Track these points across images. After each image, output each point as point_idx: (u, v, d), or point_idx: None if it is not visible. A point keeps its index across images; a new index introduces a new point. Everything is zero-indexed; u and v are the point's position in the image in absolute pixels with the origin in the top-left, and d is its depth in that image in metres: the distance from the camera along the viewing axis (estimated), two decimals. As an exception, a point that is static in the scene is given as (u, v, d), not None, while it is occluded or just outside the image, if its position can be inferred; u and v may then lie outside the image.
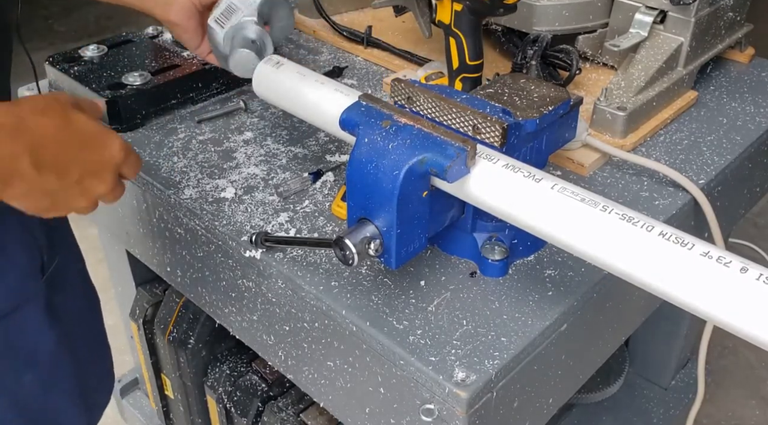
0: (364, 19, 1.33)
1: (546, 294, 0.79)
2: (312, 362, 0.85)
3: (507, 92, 0.81)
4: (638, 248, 0.60)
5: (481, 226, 0.81)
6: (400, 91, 0.77)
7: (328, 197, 0.93)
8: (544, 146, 0.81)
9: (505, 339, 0.74)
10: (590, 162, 0.96)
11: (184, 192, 0.93)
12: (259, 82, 0.92)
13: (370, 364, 0.76)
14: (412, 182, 0.69)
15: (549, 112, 0.77)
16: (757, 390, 1.94)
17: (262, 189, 0.94)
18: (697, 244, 0.58)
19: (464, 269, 0.83)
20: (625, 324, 0.98)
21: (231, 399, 1.28)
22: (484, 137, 0.74)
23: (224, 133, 1.06)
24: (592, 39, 1.12)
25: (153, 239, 1.01)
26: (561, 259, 0.83)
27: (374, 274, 0.81)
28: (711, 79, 1.18)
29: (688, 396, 1.56)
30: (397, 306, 0.77)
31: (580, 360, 0.88)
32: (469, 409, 0.69)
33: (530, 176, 0.67)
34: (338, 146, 1.02)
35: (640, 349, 1.59)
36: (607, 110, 0.99)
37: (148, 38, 1.20)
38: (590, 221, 0.63)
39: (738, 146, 1.03)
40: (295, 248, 0.85)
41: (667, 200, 0.92)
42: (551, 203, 0.65)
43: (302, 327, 0.83)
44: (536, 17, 1.09)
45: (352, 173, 0.71)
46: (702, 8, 1.04)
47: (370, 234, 0.71)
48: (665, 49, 1.05)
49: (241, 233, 0.87)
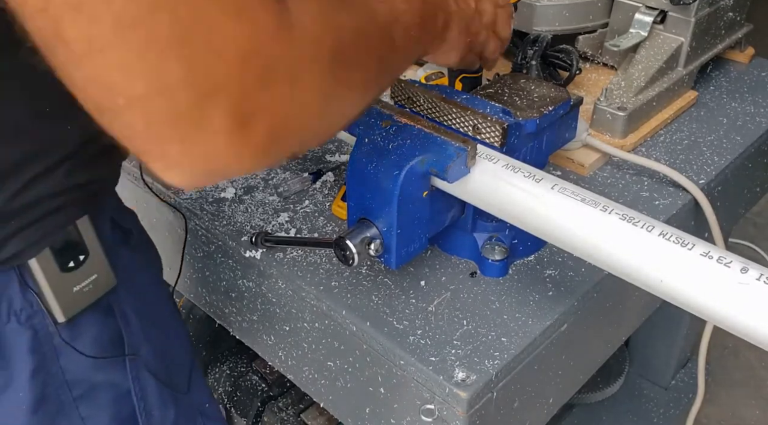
0: (364, 19, 1.33)
1: (546, 294, 0.79)
2: (312, 362, 0.85)
3: (507, 92, 0.81)
4: (639, 249, 0.60)
5: (482, 226, 0.81)
6: (400, 91, 0.77)
7: (328, 197, 0.93)
8: (544, 146, 0.81)
9: (505, 339, 0.74)
10: (590, 162, 0.96)
11: (184, 192, 0.93)
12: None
13: (371, 364, 0.76)
14: (412, 182, 0.69)
15: (549, 112, 0.77)
16: (757, 390, 1.94)
17: (262, 189, 0.94)
18: (698, 244, 0.58)
19: (464, 270, 0.83)
20: (625, 324, 0.98)
21: (231, 399, 1.28)
22: (484, 137, 0.74)
23: (224, 133, 1.05)
24: (592, 39, 1.12)
25: (152, 239, 1.01)
26: (561, 259, 0.83)
27: (374, 274, 0.81)
28: (711, 79, 1.18)
29: (688, 396, 1.56)
30: (397, 306, 0.77)
31: (581, 360, 0.88)
32: (469, 409, 0.69)
33: (530, 176, 0.67)
34: (338, 146, 1.02)
35: (640, 349, 1.59)
36: (607, 110, 0.99)
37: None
38: (591, 222, 0.63)
39: (738, 146, 1.03)
40: (295, 249, 0.85)
41: (668, 200, 0.92)
42: (551, 204, 0.65)
43: (302, 327, 0.83)
44: (536, 17, 1.09)
45: (352, 173, 0.71)
46: (702, 8, 1.04)
47: (370, 234, 0.71)
48: (665, 49, 1.05)
49: (242, 233, 0.87)
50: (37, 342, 0.67)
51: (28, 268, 0.65)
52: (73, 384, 0.71)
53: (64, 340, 0.68)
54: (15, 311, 0.65)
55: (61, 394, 0.70)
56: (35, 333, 0.67)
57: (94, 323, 0.71)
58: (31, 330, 0.67)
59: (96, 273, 0.70)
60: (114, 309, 0.73)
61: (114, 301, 0.73)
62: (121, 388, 0.75)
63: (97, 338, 0.71)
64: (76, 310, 0.69)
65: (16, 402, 0.68)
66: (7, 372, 0.67)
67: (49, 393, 0.69)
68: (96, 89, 0.38)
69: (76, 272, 0.68)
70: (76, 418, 0.72)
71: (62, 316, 0.67)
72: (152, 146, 0.40)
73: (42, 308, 0.66)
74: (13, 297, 0.65)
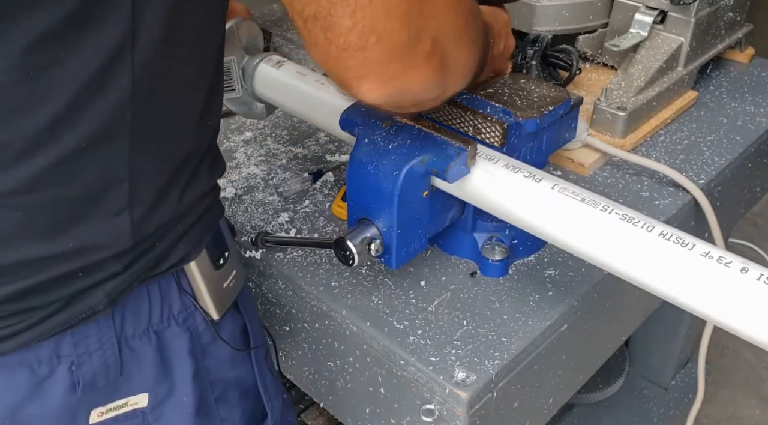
0: (364, 19, 1.33)
1: (546, 294, 0.79)
2: (312, 362, 0.85)
3: (507, 92, 0.80)
4: (639, 249, 0.60)
5: (482, 226, 0.81)
6: (401, 91, 0.77)
7: (328, 198, 0.93)
8: (544, 146, 0.81)
9: (505, 339, 0.74)
10: (590, 162, 0.96)
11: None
12: (260, 82, 0.92)
13: (371, 364, 0.76)
14: (412, 182, 0.69)
15: (549, 112, 0.77)
16: (757, 390, 1.94)
17: (262, 189, 0.94)
18: (698, 244, 0.58)
19: (464, 270, 0.83)
20: (625, 324, 0.98)
21: (231, 399, 1.28)
22: (484, 137, 0.74)
23: (224, 133, 1.05)
24: (592, 39, 1.12)
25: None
26: (561, 259, 0.83)
27: (374, 274, 0.81)
28: (711, 79, 1.18)
29: (688, 396, 1.56)
30: (397, 306, 0.77)
31: (581, 360, 0.88)
32: (469, 409, 0.69)
33: (530, 176, 0.67)
34: (338, 146, 1.02)
35: (640, 349, 1.58)
36: (607, 110, 0.99)
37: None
38: (591, 222, 0.63)
39: (738, 146, 1.03)
40: (295, 249, 0.85)
41: (668, 200, 0.92)
42: (551, 204, 0.65)
43: (302, 327, 0.83)
44: (536, 17, 1.09)
45: (352, 173, 0.71)
46: (702, 8, 1.04)
47: (370, 234, 0.71)
48: (665, 49, 1.05)
49: (242, 233, 0.87)
50: (192, 343, 0.67)
51: (187, 269, 0.66)
52: (215, 385, 0.71)
53: (220, 336, 0.69)
54: (174, 314, 0.66)
55: (206, 396, 0.71)
56: (191, 335, 0.67)
57: (230, 319, 0.72)
58: (188, 332, 0.67)
59: (235, 269, 0.71)
60: (238, 303, 0.74)
61: (238, 297, 0.73)
62: (245, 383, 0.75)
63: (233, 333, 0.72)
64: (227, 306, 0.70)
65: (180, 408, 0.68)
66: (170, 379, 0.67)
67: (203, 396, 0.70)
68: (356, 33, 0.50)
69: (223, 269, 0.69)
70: (217, 420, 0.72)
71: (216, 313, 0.68)
72: (378, 72, 0.53)
73: (198, 308, 0.67)
74: (172, 301, 0.65)
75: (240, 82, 0.90)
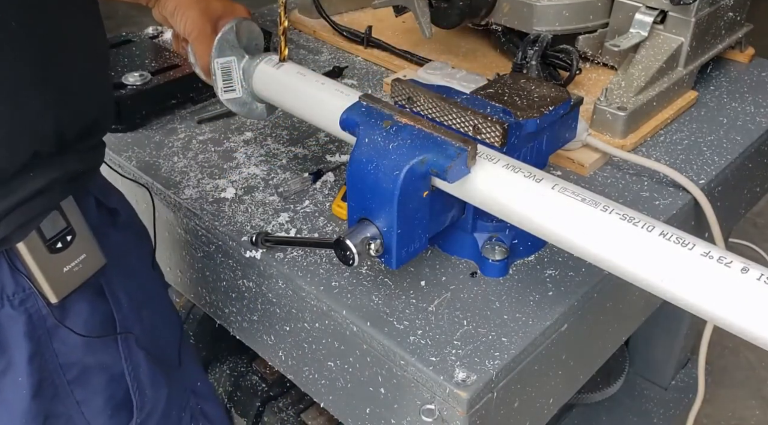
0: (364, 19, 1.33)
1: (546, 294, 0.79)
2: (312, 362, 0.85)
3: (507, 92, 0.81)
4: (639, 249, 0.60)
5: (482, 226, 0.81)
6: (401, 91, 0.77)
7: (328, 197, 0.93)
8: (545, 146, 0.81)
9: (505, 339, 0.74)
10: (590, 162, 0.96)
11: (184, 192, 0.93)
12: (260, 82, 0.92)
13: (371, 364, 0.76)
14: (412, 182, 0.69)
15: (549, 112, 0.77)
16: (757, 390, 1.94)
17: (262, 189, 0.94)
18: (698, 244, 0.58)
19: (465, 270, 0.83)
20: (625, 324, 0.98)
21: (231, 399, 1.28)
22: (484, 137, 0.74)
23: (224, 133, 1.06)
24: (592, 39, 1.12)
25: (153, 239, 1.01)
26: (561, 259, 0.83)
27: (374, 274, 0.81)
28: (711, 79, 1.18)
29: (688, 396, 1.56)
30: (397, 306, 0.77)
31: (581, 360, 0.88)
32: (469, 409, 0.69)
33: (531, 176, 0.67)
34: (338, 146, 1.02)
35: (640, 349, 1.59)
36: (607, 110, 0.99)
37: (148, 38, 1.20)
38: (591, 222, 0.63)
39: (738, 146, 1.03)
40: (295, 249, 0.85)
41: (668, 200, 0.92)
42: (552, 204, 0.65)
43: (303, 327, 0.83)
44: (536, 17, 1.09)
45: (352, 173, 0.71)
46: (702, 8, 1.04)
47: (370, 234, 0.71)
48: (665, 49, 1.05)
49: (242, 233, 0.87)
50: (31, 325, 0.68)
51: (17, 252, 0.66)
52: (67, 368, 0.71)
53: (57, 320, 0.69)
54: (8, 295, 0.66)
55: (55, 378, 0.71)
56: (29, 317, 0.68)
57: (86, 304, 0.72)
58: (26, 315, 0.67)
59: (84, 253, 0.71)
60: (105, 289, 0.73)
61: (104, 281, 0.73)
62: (113, 370, 0.75)
63: (89, 319, 0.72)
64: (68, 290, 0.70)
65: (16, 387, 0.69)
66: (6, 358, 0.68)
67: (45, 377, 0.70)
68: None
69: (64, 253, 0.69)
70: (71, 402, 0.73)
71: (54, 297, 0.68)
72: None
73: (34, 290, 0.67)
74: (5, 282, 0.66)
75: (240, 82, 0.90)
